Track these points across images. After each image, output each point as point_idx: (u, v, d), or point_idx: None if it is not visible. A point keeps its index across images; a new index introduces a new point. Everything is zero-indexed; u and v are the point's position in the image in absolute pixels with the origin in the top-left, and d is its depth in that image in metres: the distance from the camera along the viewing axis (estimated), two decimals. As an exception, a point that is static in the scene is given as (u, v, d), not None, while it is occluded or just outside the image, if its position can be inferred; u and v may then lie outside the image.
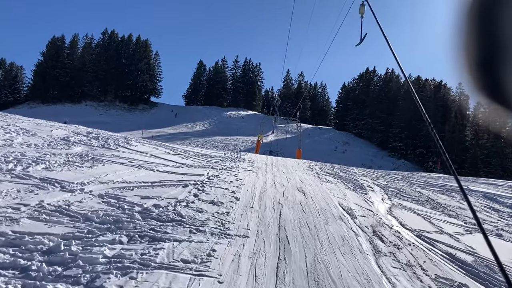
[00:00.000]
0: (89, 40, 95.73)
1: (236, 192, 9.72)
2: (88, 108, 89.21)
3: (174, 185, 9.56)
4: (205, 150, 22.04)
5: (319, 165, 21.64)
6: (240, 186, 10.69)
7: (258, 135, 46.93)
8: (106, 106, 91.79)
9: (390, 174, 23.88)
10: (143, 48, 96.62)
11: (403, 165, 79.84)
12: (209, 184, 10.30)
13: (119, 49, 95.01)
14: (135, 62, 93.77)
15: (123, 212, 6.83)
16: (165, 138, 73.15)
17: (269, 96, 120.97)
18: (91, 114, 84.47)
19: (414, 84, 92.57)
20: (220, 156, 19.28)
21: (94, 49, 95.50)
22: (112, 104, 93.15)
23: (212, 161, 16.35)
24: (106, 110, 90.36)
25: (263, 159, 20.27)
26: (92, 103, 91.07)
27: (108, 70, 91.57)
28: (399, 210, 11.27)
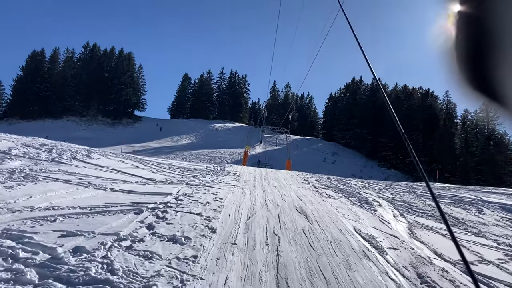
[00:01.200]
0: (70, 54, 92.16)
1: (213, 219, 6.74)
2: (70, 123, 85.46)
3: (123, 211, 6.56)
4: (184, 163, 19.05)
5: (315, 177, 18.81)
6: (219, 208, 7.71)
7: (246, 147, 44.06)
8: (89, 121, 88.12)
9: (392, 185, 21.28)
10: (126, 61, 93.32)
11: (393, 174, 77.47)
12: (175, 207, 7.30)
13: (101, 62, 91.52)
14: (118, 75, 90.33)
15: (9, 267, 3.86)
16: (149, 153, 70.06)
17: (255, 108, 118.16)
18: (73, 129, 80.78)
19: (402, 92, 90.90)
20: (200, 169, 16.35)
21: (76, 63, 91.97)
22: (94, 119, 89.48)
23: (189, 176, 13.44)
24: (89, 125, 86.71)
25: (251, 172, 17.37)
26: (74, 118, 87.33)
27: (90, 84, 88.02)
28: (420, 230, 8.83)
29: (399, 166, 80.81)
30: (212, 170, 16.01)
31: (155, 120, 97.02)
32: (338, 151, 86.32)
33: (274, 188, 12.54)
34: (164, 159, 19.28)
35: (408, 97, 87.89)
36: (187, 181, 11.72)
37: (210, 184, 11.44)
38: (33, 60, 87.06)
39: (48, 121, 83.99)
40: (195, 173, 14.35)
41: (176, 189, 9.60)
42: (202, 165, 18.52)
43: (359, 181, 21.50)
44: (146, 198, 7.89)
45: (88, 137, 75.17)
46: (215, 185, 11.34)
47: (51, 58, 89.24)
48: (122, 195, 8.10)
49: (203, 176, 13.57)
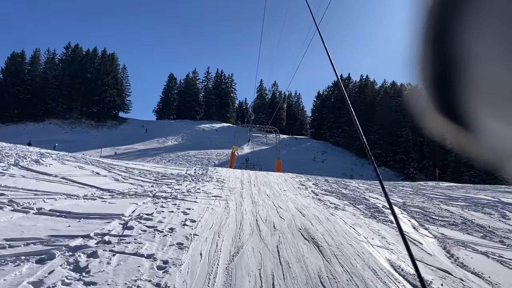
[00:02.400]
0: (51, 55, 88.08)
1: (172, 267, 3.97)
2: (52, 126, 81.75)
3: (19, 258, 3.84)
4: (159, 167, 16.25)
5: (311, 180, 16.19)
6: (187, 241, 4.95)
7: (233, 147, 41.27)
8: (72, 124, 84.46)
9: (396, 186, 18.95)
10: (109, 61, 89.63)
11: (384, 172, 75.38)
12: (115, 244, 4.51)
13: (84, 63, 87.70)
14: (102, 76, 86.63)
15: None
16: (134, 155, 67.13)
17: (243, 108, 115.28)
18: (55, 132, 77.27)
19: (390, 89, 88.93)
20: (178, 174, 13.67)
21: (57, 64, 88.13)
22: (78, 121, 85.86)
23: (161, 184, 10.76)
24: (72, 127, 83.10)
25: (238, 176, 14.71)
26: (57, 121, 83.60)
27: (72, 86, 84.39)
28: (456, 250, 6.79)
29: (389, 164, 78.84)
30: (191, 175, 13.32)
31: (141, 121, 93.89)
32: (327, 149, 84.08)
33: (267, 197, 9.90)
34: (136, 163, 16.46)
35: (397, 93, 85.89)
36: (155, 192, 9.02)
37: (184, 195, 8.76)
38: (13, 62, 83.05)
39: (30, 125, 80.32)
40: (169, 180, 11.65)
41: (134, 206, 6.87)
42: (182, 169, 15.79)
43: (360, 182, 18.98)
44: (78, 227, 5.14)
45: (71, 140, 72.02)
46: (191, 196, 8.66)
47: (31, 59, 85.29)
48: (44, 221, 5.35)
49: (179, 184, 10.89)
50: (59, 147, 63.46)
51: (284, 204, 9.05)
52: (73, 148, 62.22)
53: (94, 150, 64.64)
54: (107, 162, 14.60)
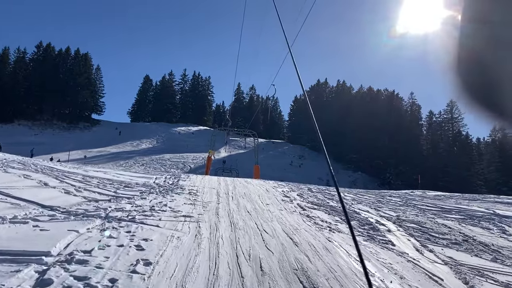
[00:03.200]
0: (21, 54, 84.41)
1: None
2: (22, 128, 77.96)
3: None
4: (126, 175, 14.28)
5: (295, 190, 14.55)
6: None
7: (209, 151, 39.31)
8: (42, 125, 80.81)
9: (384, 197, 17.54)
10: (82, 62, 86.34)
11: (360, 177, 74.71)
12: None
13: (56, 63, 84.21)
14: (74, 77, 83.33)
15: None
16: (106, 158, 64.51)
17: (220, 111, 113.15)
18: (24, 134, 73.58)
19: (367, 94, 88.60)
20: (145, 183, 11.81)
21: (28, 64, 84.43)
22: (49, 123, 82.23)
23: (121, 198, 8.92)
24: (42, 129, 79.50)
25: (214, 185, 12.92)
26: (26, 123, 79.82)
27: (44, 86, 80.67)
28: (478, 282, 5.52)
29: (365, 169, 78.14)
30: (160, 186, 11.47)
31: (114, 123, 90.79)
32: (304, 154, 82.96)
33: (248, 215, 8.15)
34: (98, 170, 14.43)
35: (373, 99, 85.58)
36: (110, 210, 7.17)
37: (145, 216, 6.93)
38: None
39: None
40: (132, 192, 9.80)
41: (72, 235, 5.03)
42: (150, 177, 13.90)
43: (345, 191, 17.43)
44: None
45: (41, 142, 68.61)
46: (153, 218, 6.84)
47: (0, 58, 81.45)
48: None
49: (143, 198, 9.06)
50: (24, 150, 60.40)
51: (269, 225, 7.32)
52: (43, 151, 59.16)
53: (65, 153, 61.74)
54: (62, 169, 12.60)
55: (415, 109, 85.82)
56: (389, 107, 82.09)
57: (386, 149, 77.61)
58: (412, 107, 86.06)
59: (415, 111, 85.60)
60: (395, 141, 79.14)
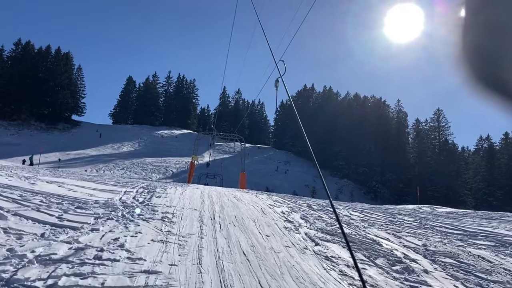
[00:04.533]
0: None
1: None
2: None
3: None
4: (88, 186, 11.25)
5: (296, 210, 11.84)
6: None
7: (192, 156, 36.31)
8: (19, 126, 76.51)
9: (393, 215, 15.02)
10: (63, 61, 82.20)
11: (346, 184, 72.49)
12: None
13: (35, 62, 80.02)
14: (54, 76, 79.22)
15: None
16: (85, 161, 61.00)
17: (205, 115, 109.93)
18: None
19: (353, 101, 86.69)
20: (107, 201, 8.95)
21: (5, 62, 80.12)
22: (26, 123, 77.96)
23: (62, 228, 6.11)
24: (19, 129, 75.23)
25: (196, 204, 10.10)
26: (2, 122, 75.43)
27: (22, 85, 76.53)
28: None
29: (351, 176, 76.04)
30: (126, 206, 8.60)
31: (95, 125, 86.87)
32: (289, 159, 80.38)
33: (246, 264, 5.38)
34: (52, 181, 11.39)
35: (360, 105, 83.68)
36: (23, 264, 4.37)
37: (81, 272, 4.15)
38: (-46, 57, 74.87)
39: (-29, 126, 72.22)
40: (84, 218, 6.94)
41: None
42: (118, 190, 10.99)
43: (349, 209, 14.78)
44: None
45: (16, 143, 64.74)
46: (93, 279, 4.05)
47: (-25, 55, 77.21)
48: None
49: (94, 228, 6.21)
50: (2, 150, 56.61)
51: (281, 285, 4.60)
52: (17, 152, 55.47)
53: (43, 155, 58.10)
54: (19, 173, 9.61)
55: (402, 116, 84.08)
56: (376, 114, 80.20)
57: (373, 156, 75.65)
58: (399, 114, 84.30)
59: (402, 118, 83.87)
60: (382, 148, 77.26)
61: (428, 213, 16.69)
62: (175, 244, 5.85)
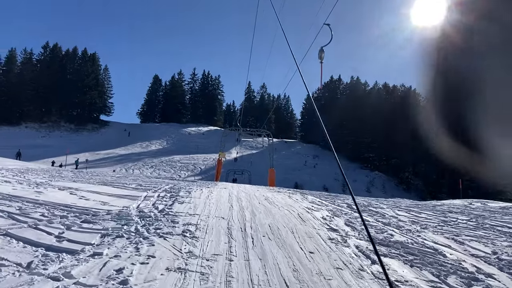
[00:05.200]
0: (28, 55, 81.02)
1: None
2: (29, 130, 74.74)
3: None
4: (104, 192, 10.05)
5: (338, 213, 10.30)
6: None
7: (219, 153, 35.13)
8: (50, 128, 77.47)
9: (444, 212, 13.29)
10: (90, 62, 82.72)
11: (377, 177, 70.03)
12: None
13: (63, 64, 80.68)
14: (82, 77, 79.77)
15: None
16: (114, 161, 61.05)
17: (231, 111, 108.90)
18: (31, 137, 70.27)
19: (382, 90, 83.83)
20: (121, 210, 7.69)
21: (35, 65, 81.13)
22: (56, 125, 78.88)
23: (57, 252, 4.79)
24: (49, 131, 76.18)
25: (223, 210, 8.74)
26: (33, 125, 76.54)
27: (51, 88, 77.29)
28: None
29: (383, 168, 73.43)
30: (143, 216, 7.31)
31: (123, 125, 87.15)
32: (318, 153, 78.29)
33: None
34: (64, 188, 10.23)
35: (389, 95, 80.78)
36: None
37: None
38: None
39: (4, 129, 73.18)
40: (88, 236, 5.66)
41: None
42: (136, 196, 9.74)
43: (394, 209, 13.13)
44: None
45: (48, 145, 65.46)
46: None
47: (7, 60, 78.18)
48: None
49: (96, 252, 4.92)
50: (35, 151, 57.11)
51: None
52: (49, 154, 55.74)
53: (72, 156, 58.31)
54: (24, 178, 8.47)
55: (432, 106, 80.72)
56: (406, 103, 77.13)
57: (404, 147, 72.72)
58: (430, 103, 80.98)
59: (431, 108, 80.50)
60: (413, 138, 74.30)
61: (481, 209, 14.83)
62: (197, 274, 4.47)
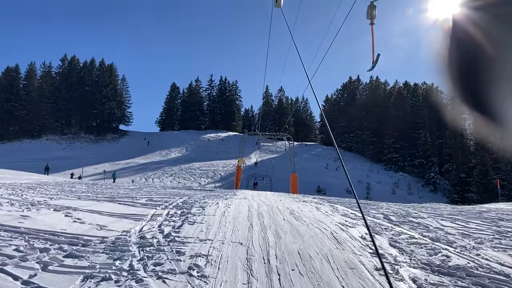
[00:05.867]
0: (47, 69, 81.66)
1: None
2: (50, 142, 75.13)
3: None
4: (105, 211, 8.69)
5: (379, 230, 8.71)
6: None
7: (238, 159, 33.75)
8: (70, 139, 77.72)
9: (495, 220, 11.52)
10: (107, 73, 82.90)
11: (402, 178, 67.51)
12: None
13: (81, 75, 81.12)
14: (100, 88, 79.96)
15: None
16: (134, 170, 60.35)
17: (249, 116, 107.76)
18: (52, 149, 70.55)
19: (403, 89, 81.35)
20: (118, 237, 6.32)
21: (54, 78, 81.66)
22: (76, 137, 79.09)
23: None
24: (70, 143, 76.38)
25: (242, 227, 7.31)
26: (54, 137, 76.93)
27: (70, 100, 77.74)
28: None
29: (407, 169, 70.84)
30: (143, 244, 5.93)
31: (143, 134, 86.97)
32: (339, 155, 76.10)
33: None
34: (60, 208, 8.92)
35: (411, 93, 78.24)
36: None
37: None
38: (7, 77, 76.81)
39: (26, 142, 73.78)
40: (64, 280, 4.28)
41: None
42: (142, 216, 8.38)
43: (437, 218, 11.43)
44: None
45: (69, 157, 65.26)
46: None
47: (26, 74, 78.93)
48: None
49: None
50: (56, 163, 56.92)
51: None
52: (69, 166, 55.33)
53: (92, 166, 58.00)
54: None
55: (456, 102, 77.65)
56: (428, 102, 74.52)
57: (429, 146, 70.13)
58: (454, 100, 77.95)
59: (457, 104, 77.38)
60: (437, 137, 71.65)
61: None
62: None
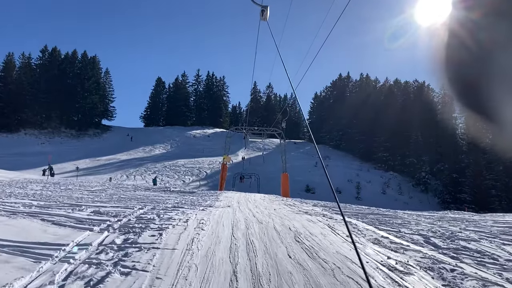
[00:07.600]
0: (26, 60, 77.31)
1: None
2: (28, 137, 70.92)
3: None
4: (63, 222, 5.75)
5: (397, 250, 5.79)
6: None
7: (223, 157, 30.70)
8: (50, 134, 73.64)
9: None
10: (90, 65, 78.99)
11: (392, 177, 65.16)
12: None
13: (62, 68, 76.88)
14: (82, 81, 76.05)
15: None
16: (115, 166, 56.92)
17: (236, 112, 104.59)
18: (30, 144, 66.51)
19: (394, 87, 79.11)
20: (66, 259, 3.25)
21: (34, 70, 77.43)
22: (56, 131, 75.02)
23: None
24: (50, 138, 72.32)
25: (220, 270, 4.37)
26: (33, 131, 72.72)
27: (50, 92, 73.61)
28: None
29: (398, 168, 68.57)
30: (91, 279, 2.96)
31: (127, 129, 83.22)
32: (328, 154, 73.61)
33: None
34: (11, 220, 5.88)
35: (401, 91, 76.01)
36: None
37: None
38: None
39: (2, 136, 69.44)
40: None
41: None
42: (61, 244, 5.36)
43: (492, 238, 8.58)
44: None
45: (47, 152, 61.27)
46: None
47: (4, 65, 74.46)
48: None
49: None
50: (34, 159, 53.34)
51: None
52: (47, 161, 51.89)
53: (71, 162, 54.42)
54: None
55: (448, 100, 75.59)
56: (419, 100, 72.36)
57: (420, 145, 67.90)
58: (445, 98, 75.83)
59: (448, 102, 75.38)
60: (429, 136, 69.44)
61: None
62: None
